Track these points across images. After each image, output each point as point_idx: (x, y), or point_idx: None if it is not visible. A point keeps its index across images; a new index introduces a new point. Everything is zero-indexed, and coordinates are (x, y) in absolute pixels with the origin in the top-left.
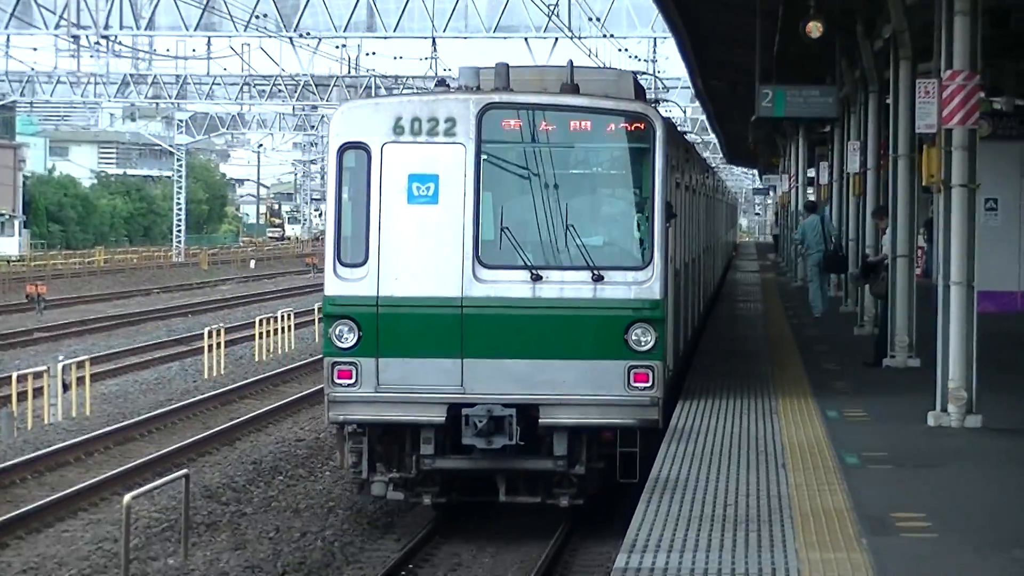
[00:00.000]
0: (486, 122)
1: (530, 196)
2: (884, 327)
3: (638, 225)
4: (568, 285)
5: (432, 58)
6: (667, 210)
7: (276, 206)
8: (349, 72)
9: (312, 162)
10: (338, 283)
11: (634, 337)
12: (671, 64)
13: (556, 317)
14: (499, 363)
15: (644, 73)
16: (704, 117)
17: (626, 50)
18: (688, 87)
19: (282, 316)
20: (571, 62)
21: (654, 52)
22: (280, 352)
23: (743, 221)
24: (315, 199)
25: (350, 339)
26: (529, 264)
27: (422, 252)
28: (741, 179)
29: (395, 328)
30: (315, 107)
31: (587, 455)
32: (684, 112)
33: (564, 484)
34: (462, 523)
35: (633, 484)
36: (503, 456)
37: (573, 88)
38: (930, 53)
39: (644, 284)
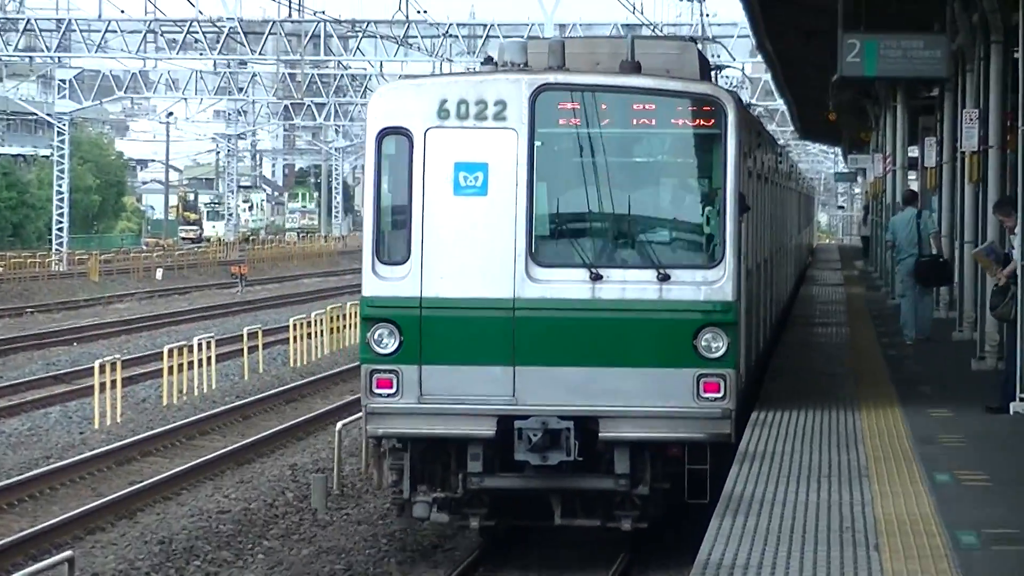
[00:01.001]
0: (540, 105)
1: (589, 187)
2: (1012, 361)
3: (708, 219)
4: (631, 285)
5: None
6: (740, 202)
7: (191, 196)
8: (289, 15)
9: (240, 136)
10: (377, 283)
11: (704, 343)
12: (724, 4)
13: (618, 321)
14: (555, 371)
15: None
16: (769, 77)
17: None
18: (747, 35)
19: (200, 345)
20: (632, 37)
21: None
22: (197, 393)
23: (821, 217)
24: (244, 186)
25: (390, 344)
26: (588, 262)
27: (470, 249)
28: (819, 160)
29: (440, 332)
30: (244, 63)
31: (652, 473)
32: (742, 70)
33: (626, 505)
34: (512, 549)
35: (703, 505)
36: (559, 474)
37: (634, 66)
38: None
39: (715, 284)
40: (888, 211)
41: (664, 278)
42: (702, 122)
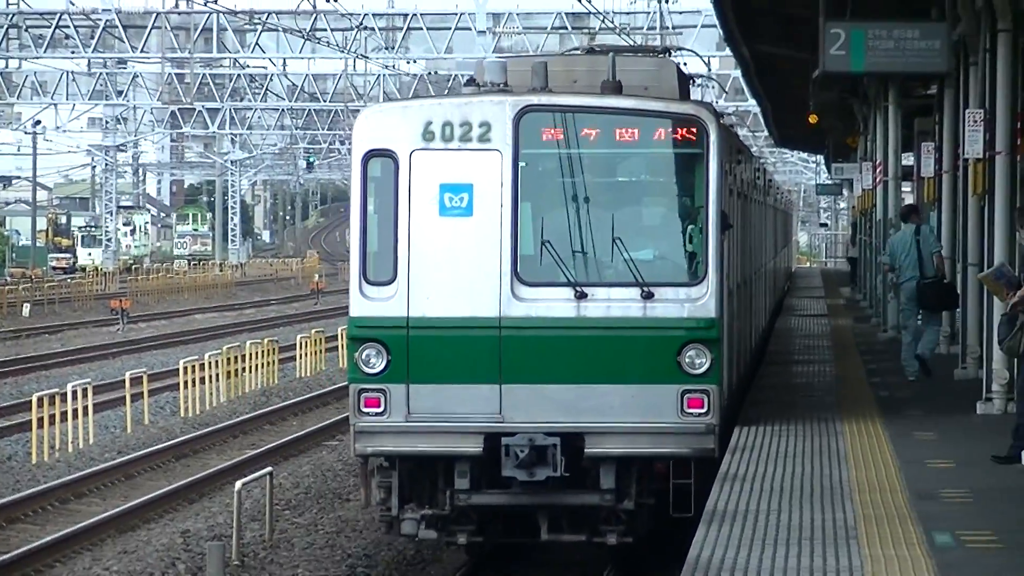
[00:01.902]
0: (524, 126)
1: (573, 207)
2: (1023, 403)
3: (691, 237)
4: (615, 303)
5: None
6: (722, 220)
7: (63, 219)
8: (176, 6)
9: (120, 148)
10: (364, 303)
11: (688, 359)
12: None
13: (602, 338)
14: (541, 388)
15: (638, 13)
16: (739, 74)
17: None
18: (713, 24)
19: (74, 393)
20: (613, 56)
21: None
22: (71, 449)
23: (801, 236)
24: (124, 207)
25: (378, 364)
26: (573, 281)
27: (455, 269)
28: (798, 171)
29: (427, 352)
30: (123, 62)
31: (637, 488)
32: (707, 64)
33: (612, 520)
34: (500, 565)
35: (687, 520)
36: (546, 490)
37: (616, 86)
38: None
39: (698, 301)
40: (878, 228)
41: (648, 296)
42: (684, 141)
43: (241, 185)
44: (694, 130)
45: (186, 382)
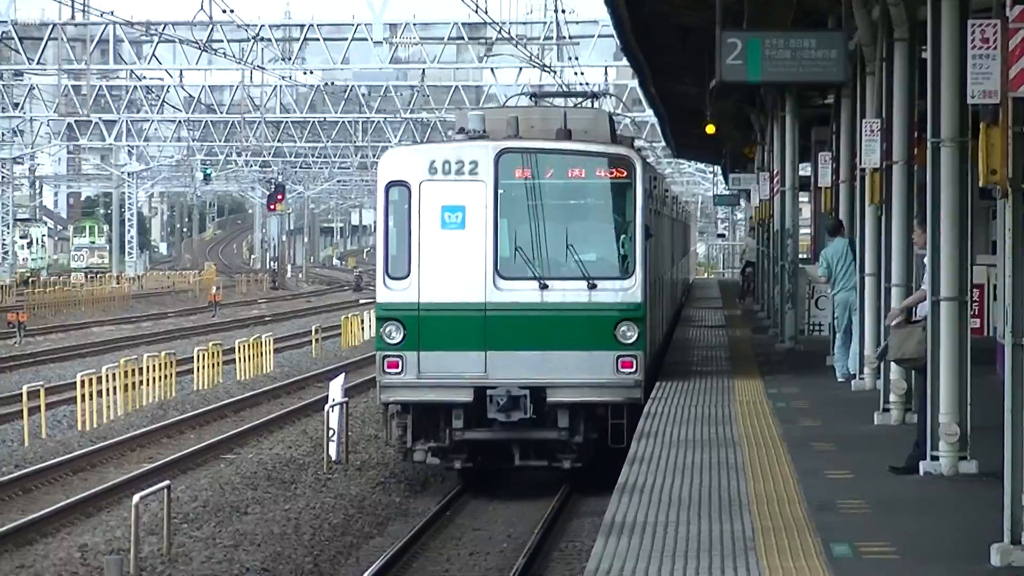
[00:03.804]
0: (502, 164)
1: (537, 222)
2: (923, 413)
3: (623, 244)
4: (569, 292)
5: None
6: (645, 231)
7: None
8: (72, 17)
9: (16, 161)
10: (387, 292)
11: (621, 332)
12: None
13: (560, 317)
14: (515, 354)
15: (534, 23)
16: (637, 84)
17: None
18: (610, 34)
19: None
20: (565, 113)
21: None
22: None
23: (699, 248)
24: (21, 219)
25: (397, 337)
26: (538, 275)
27: (453, 267)
28: (695, 182)
29: (432, 327)
30: (19, 73)
31: (584, 427)
32: (605, 74)
33: (566, 450)
34: (485, 484)
35: (621, 450)
36: (518, 428)
37: (567, 134)
38: None
39: (629, 290)
40: (777, 239)
41: (592, 286)
42: (618, 174)
43: (138, 197)
44: (624, 167)
45: (83, 395)
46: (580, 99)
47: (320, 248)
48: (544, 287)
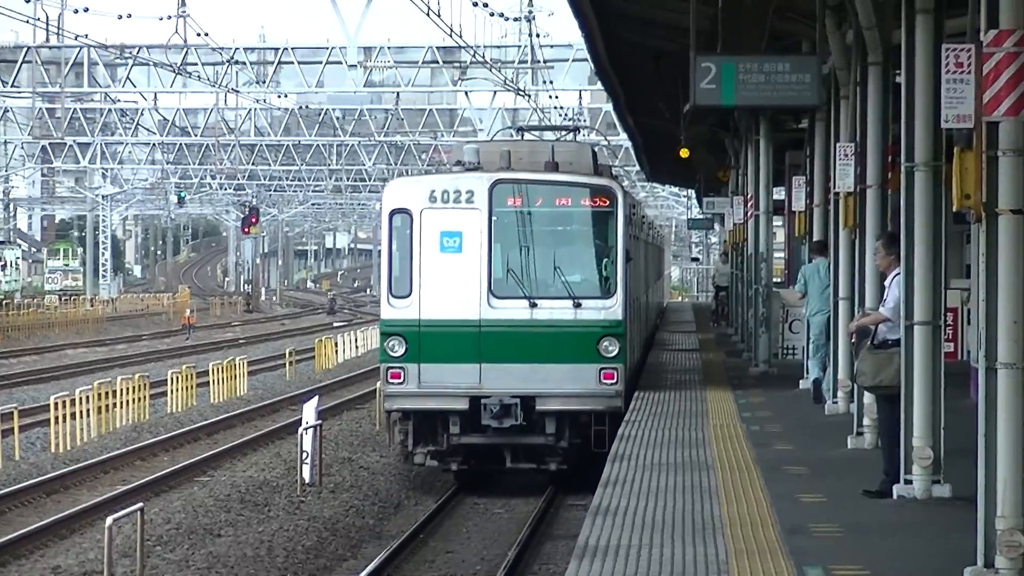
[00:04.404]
0: (495, 193)
1: (528, 247)
2: (894, 437)
3: (605, 267)
4: (556, 310)
5: (180, 15)
6: (626, 255)
7: None
8: (47, 40)
9: None
10: (391, 310)
11: (604, 347)
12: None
13: (547, 333)
14: (507, 366)
15: (509, 47)
16: (611, 108)
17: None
18: (584, 58)
19: None
20: (553, 147)
21: (530, 5)
22: None
23: (673, 271)
24: None
25: (399, 350)
26: (528, 295)
27: (451, 287)
28: (669, 206)
29: (432, 342)
30: None
31: (569, 433)
32: (580, 98)
33: (553, 454)
34: (479, 484)
35: (603, 453)
36: (510, 434)
37: (554, 166)
38: (963, 2)
39: (610, 308)
40: (751, 262)
41: (577, 305)
42: (601, 203)
43: (112, 220)
44: (607, 197)
45: (57, 417)
46: (563, 132)
47: (294, 271)
48: (534, 305)
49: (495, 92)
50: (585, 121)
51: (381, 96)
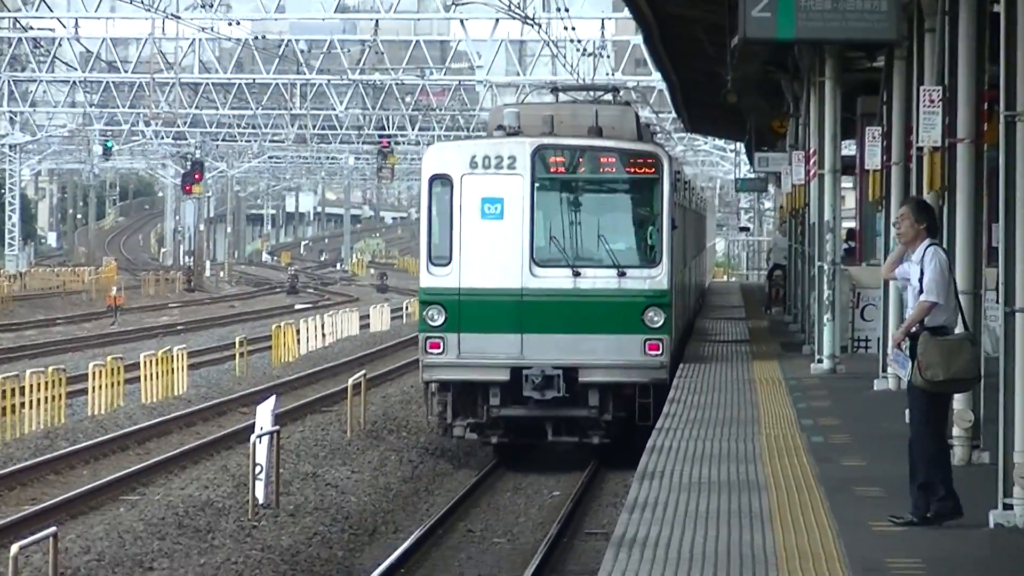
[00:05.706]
0: (538, 159)
1: (571, 214)
2: (934, 442)
3: (650, 235)
4: (600, 279)
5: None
6: (671, 224)
7: None
8: None
9: None
10: (430, 278)
11: (648, 317)
12: None
13: (591, 302)
14: (549, 337)
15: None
16: (641, 41)
17: None
18: None
19: None
20: (596, 111)
21: None
22: None
23: (718, 243)
24: None
25: (439, 319)
26: (571, 263)
27: (492, 255)
28: (713, 163)
29: (472, 311)
30: None
31: (613, 405)
32: (602, 28)
33: (596, 427)
34: (520, 458)
35: (647, 427)
36: (551, 406)
37: (598, 131)
38: None
39: (656, 278)
40: (813, 233)
41: (622, 274)
42: (647, 170)
43: (22, 176)
44: (653, 163)
45: None
46: (601, 93)
47: (247, 240)
48: (577, 274)
49: (496, 21)
50: (609, 57)
51: (356, 25)
